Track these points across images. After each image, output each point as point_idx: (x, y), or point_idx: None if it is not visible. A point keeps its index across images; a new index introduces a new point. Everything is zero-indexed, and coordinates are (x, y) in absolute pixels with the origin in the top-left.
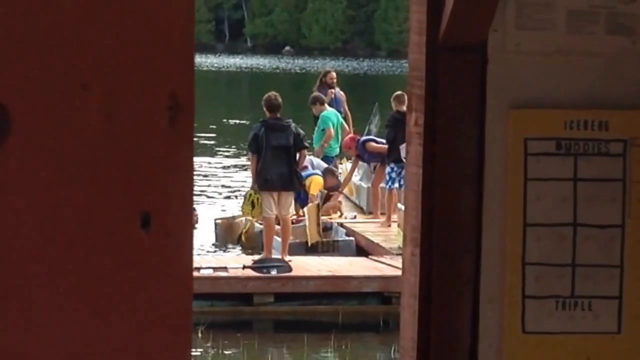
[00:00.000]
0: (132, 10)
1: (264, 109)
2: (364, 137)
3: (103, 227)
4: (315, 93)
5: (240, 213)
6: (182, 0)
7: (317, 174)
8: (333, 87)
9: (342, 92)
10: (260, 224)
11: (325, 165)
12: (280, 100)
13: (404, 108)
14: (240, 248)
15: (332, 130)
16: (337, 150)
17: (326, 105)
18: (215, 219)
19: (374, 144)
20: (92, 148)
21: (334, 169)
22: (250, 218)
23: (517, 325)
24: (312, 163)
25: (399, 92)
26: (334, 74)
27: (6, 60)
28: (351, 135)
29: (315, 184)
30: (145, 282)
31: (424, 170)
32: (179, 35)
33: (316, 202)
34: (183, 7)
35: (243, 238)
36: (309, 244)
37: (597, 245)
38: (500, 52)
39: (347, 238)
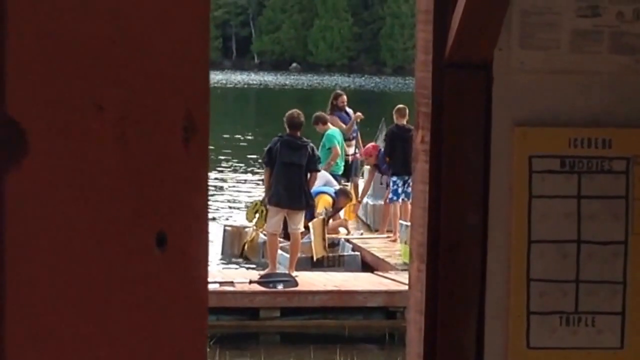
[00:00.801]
0: (148, 32)
1: (285, 124)
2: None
3: (119, 246)
4: (318, 113)
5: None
6: (198, 21)
7: (327, 193)
8: (344, 110)
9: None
10: (265, 234)
11: (336, 183)
12: (302, 118)
13: (404, 121)
14: (242, 259)
15: (338, 148)
16: (342, 168)
17: (329, 124)
18: (225, 226)
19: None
20: (108, 168)
21: (348, 189)
22: (254, 228)
23: (522, 340)
24: (325, 179)
25: (401, 105)
26: (344, 97)
27: (23, 82)
28: (374, 144)
29: (322, 202)
30: (160, 301)
31: (430, 187)
32: (194, 57)
33: (322, 217)
34: (199, 28)
35: (246, 247)
36: (315, 258)
37: (601, 261)
38: (505, 71)
39: (352, 253)
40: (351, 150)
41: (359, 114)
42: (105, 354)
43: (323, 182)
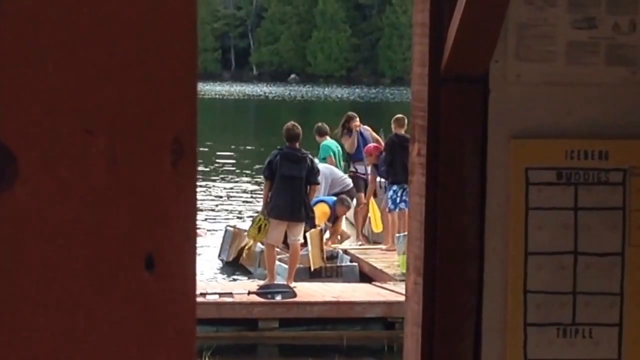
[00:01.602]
0: (137, 56)
1: (284, 137)
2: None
3: (108, 268)
4: (319, 124)
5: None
6: (186, 46)
7: (325, 202)
8: (358, 132)
9: (367, 128)
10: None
11: (342, 173)
12: (298, 130)
13: (402, 131)
14: (239, 266)
15: (333, 158)
16: None
17: (327, 136)
18: (227, 226)
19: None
20: (98, 192)
21: (346, 197)
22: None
23: (519, 353)
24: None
25: (399, 115)
26: (357, 121)
27: (14, 107)
28: (377, 145)
29: (321, 215)
30: (149, 322)
31: (427, 200)
32: (182, 81)
33: (319, 228)
34: (187, 53)
35: (244, 255)
36: (312, 269)
37: (598, 273)
38: (501, 83)
39: (350, 264)
40: (362, 169)
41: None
42: None
43: (329, 172)
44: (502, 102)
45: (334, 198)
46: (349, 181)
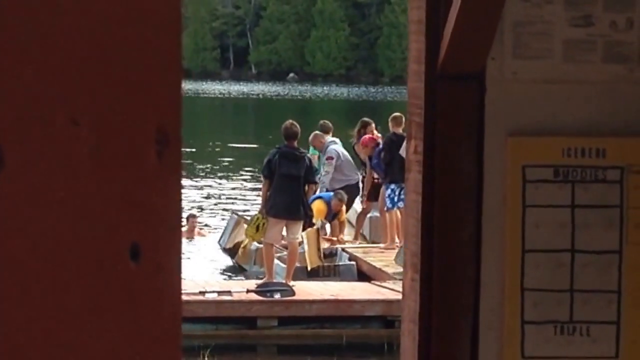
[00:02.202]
0: (121, 46)
1: (282, 136)
2: (381, 147)
3: (93, 259)
4: (322, 121)
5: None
6: (171, 36)
7: (322, 198)
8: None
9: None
10: (260, 242)
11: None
12: (297, 128)
13: (400, 130)
14: (235, 263)
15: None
16: None
17: (330, 134)
18: (233, 212)
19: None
20: (83, 182)
21: (342, 192)
22: (251, 237)
23: (517, 350)
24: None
25: (397, 114)
26: (373, 126)
27: None
28: (371, 136)
29: (317, 212)
30: (134, 313)
31: (424, 197)
32: (167, 71)
33: (315, 227)
34: (172, 43)
35: (240, 253)
36: (309, 268)
37: (595, 270)
38: (498, 80)
39: (348, 262)
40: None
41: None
42: None
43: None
44: (498, 100)
45: (331, 194)
46: (357, 177)
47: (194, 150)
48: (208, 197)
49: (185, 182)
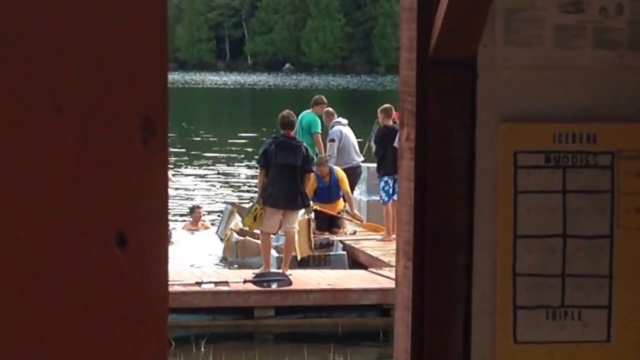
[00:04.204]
0: (107, 34)
1: (278, 125)
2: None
3: (79, 246)
4: (318, 96)
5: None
6: (156, 24)
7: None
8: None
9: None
10: (240, 235)
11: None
12: (293, 118)
13: (391, 122)
14: (219, 255)
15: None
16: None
17: (323, 106)
18: (227, 203)
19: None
20: (68, 169)
21: (320, 157)
22: (232, 227)
23: (509, 335)
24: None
25: (386, 105)
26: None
27: None
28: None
29: (310, 189)
30: (121, 300)
31: (416, 184)
32: (152, 59)
33: (307, 217)
34: (157, 31)
35: (224, 244)
36: (299, 258)
37: (586, 255)
38: (489, 67)
39: (339, 252)
40: None
41: None
42: (65, 351)
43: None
44: (490, 87)
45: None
46: (359, 160)
47: (193, 139)
48: (204, 187)
49: (184, 172)
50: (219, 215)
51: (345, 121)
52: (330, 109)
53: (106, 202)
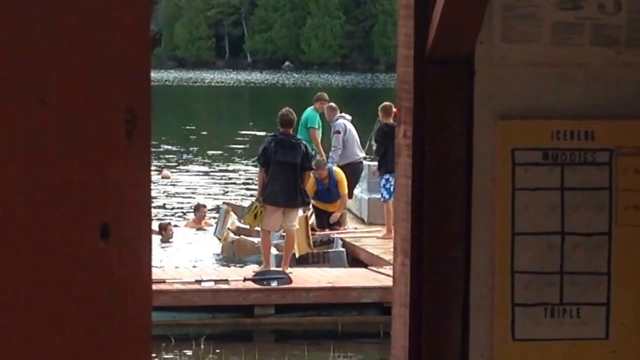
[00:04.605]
0: (89, 27)
1: (278, 123)
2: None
3: (63, 238)
4: (320, 93)
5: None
6: (138, 18)
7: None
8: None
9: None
10: (236, 234)
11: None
12: (292, 116)
13: (391, 120)
14: (218, 254)
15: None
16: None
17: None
18: (223, 203)
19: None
20: (52, 162)
21: (318, 158)
22: (228, 227)
23: (507, 333)
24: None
25: (386, 103)
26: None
27: None
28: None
29: (309, 189)
30: (104, 292)
31: (413, 181)
32: (135, 52)
33: (304, 215)
34: (139, 24)
35: (222, 244)
36: (297, 255)
37: (585, 252)
38: (487, 64)
39: (338, 250)
40: None
41: None
42: (48, 344)
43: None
44: (487, 83)
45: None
46: (361, 155)
47: (192, 137)
48: (205, 184)
49: (183, 170)
50: (217, 213)
51: (349, 117)
52: (333, 104)
53: (90, 194)
